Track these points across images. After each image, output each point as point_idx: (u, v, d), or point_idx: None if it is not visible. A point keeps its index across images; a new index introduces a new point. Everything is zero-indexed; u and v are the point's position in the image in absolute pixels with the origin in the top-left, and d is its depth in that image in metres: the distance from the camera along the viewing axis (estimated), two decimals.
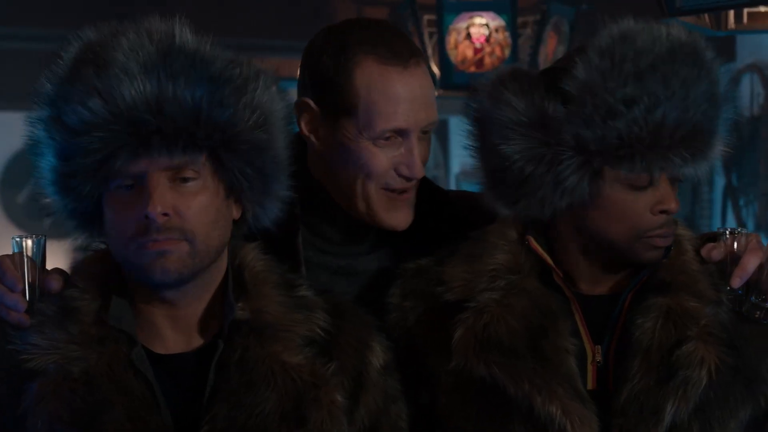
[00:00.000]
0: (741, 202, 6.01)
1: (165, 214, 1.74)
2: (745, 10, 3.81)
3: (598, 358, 2.00)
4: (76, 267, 1.87)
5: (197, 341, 1.84)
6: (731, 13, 3.79)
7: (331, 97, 2.12)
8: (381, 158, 2.12)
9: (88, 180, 1.76)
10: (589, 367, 1.99)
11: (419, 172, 2.13)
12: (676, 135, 1.91)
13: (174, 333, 1.84)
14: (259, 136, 1.80)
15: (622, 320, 2.01)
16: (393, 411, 1.93)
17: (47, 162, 1.79)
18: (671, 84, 1.91)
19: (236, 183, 1.80)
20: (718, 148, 2.00)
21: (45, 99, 1.78)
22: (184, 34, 1.77)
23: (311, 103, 2.14)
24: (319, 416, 1.79)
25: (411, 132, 2.11)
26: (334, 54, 2.12)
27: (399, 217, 2.17)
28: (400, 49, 2.11)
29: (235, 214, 1.84)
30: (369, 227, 2.19)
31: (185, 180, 1.76)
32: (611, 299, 2.03)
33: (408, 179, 2.14)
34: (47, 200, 1.83)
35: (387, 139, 2.11)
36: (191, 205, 1.76)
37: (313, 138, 2.16)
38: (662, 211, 1.96)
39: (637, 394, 1.94)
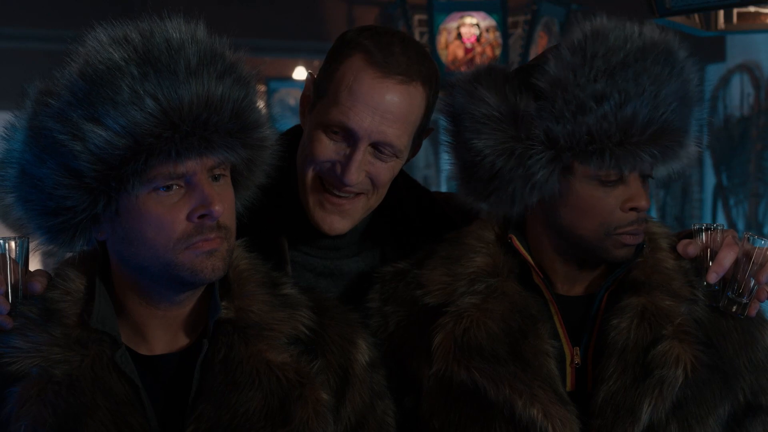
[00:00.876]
0: (731, 202, 6.02)
1: (222, 211, 1.75)
2: (735, 11, 3.82)
3: (577, 359, 2.00)
4: (59, 269, 1.86)
5: (182, 341, 1.84)
6: (721, 13, 3.79)
7: (320, 80, 2.13)
8: (326, 147, 2.09)
9: (122, 181, 1.71)
10: (568, 369, 2.00)
11: (349, 180, 2.08)
12: (645, 132, 1.91)
13: (160, 334, 1.83)
14: (268, 132, 1.83)
15: (599, 321, 2.01)
16: (380, 407, 1.93)
17: (52, 169, 1.72)
18: (642, 81, 1.91)
19: (240, 175, 1.83)
20: (692, 148, 2.00)
21: (77, 99, 1.71)
22: (215, 38, 1.78)
23: (311, 85, 2.16)
24: (304, 414, 1.79)
25: (359, 138, 2.06)
26: (341, 45, 2.12)
27: (330, 221, 2.13)
28: (397, 62, 2.08)
29: None
30: (345, 234, 2.17)
31: (216, 177, 1.77)
32: (588, 300, 2.03)
33: (339, 182, 2.09)
34: (20, 213, 1.79)
35: (335, 133, 2.08)
36: (227, 202, 1.78)
37: (302, 122, 2.17)
38: (632, 209, 1.96)
39: (613, 395, 1.94)
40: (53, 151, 1.71)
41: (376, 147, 2.09)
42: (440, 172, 9.20)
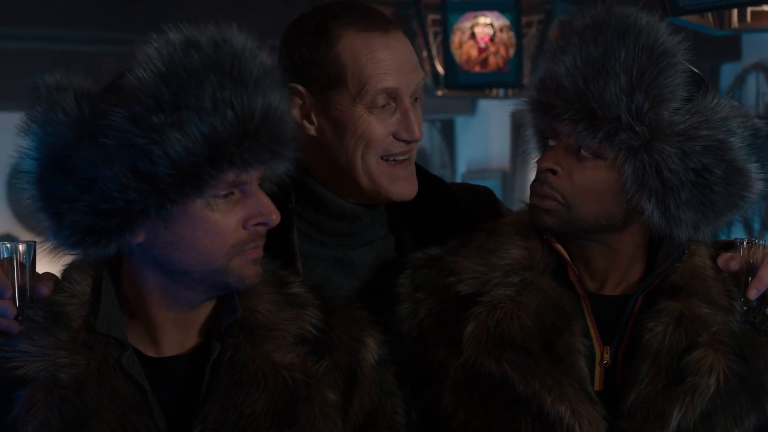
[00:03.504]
0: None
1: None
2: (749, 9, 3.80)
3: (607, 359, 1.99)
4: (65, 271, 1.86)
5: (191, 342, 1.84)
6: (735, 12, 3.78)
7: (318, 72, 2.12)
8: (378, 126, 2.11)
9: (194, 187, 1.72)
10: (597, 368, 1.99)
11: (419, 134, 2.14)
12: None
13: (173, 335, 1.83)
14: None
15: (632, 322, 1.99)
16: (389, 406, 1.93)
17: (141, 166, 1.70)
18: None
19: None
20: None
21: (156, 103, 1.70)
22: (262, 47, 1.81)
23: (299, 87, 2.14)
24: (310, 415, 1.79)
25: (403, 94, 2.11)
26: (314, 33, 2.13)
27: (404, 187, 2.16)
28: (376, 17, 2.13)
29: None
30: (363, 218, 2.19)
31: (261, 186, 1.80)
32: (622, 300, 2.02)
33: (407, 143, 2.13)
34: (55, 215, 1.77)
35: (382, 107, 2.10)
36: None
37: (306, 124, 2.15)
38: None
39: (644, 398, 1.93)
40: (123, 153, 1.69)
41: (412, 96, 2.15)
42: (455, 171, 9.21)
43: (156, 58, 1.71)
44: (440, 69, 5.52)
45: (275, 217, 1.77)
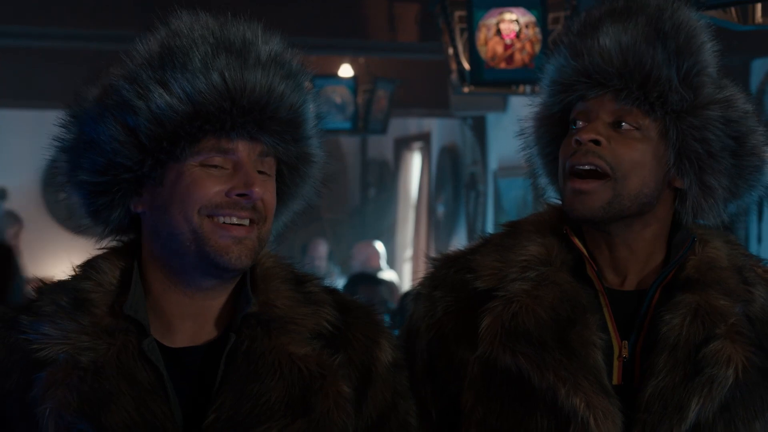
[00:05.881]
0: None
1: (260, 197, 1.81)
2: None
3: (625, 353, 2.00)
4: (93, 260, 1.90)
5: (208, 334, 1.87)
6: (758, 6, 3.74)
7: None
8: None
9: (174, 144, 1.79)
10: (616, 362, 1.99)
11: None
12: None
13: (186, 326, 1.86)
14: (316, 131, 1.91)
15: (650, 316, 2.00)
16: (401, 406, 1.94)
17: (129, 120, 1.80)
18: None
19: (287, 173, 1.90)
20: None
21: (146, 61, 1.81)
22: (288, 47, 1.89)
23: None
24: (325, 405, 1.81)
25: None
26: None
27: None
28: None
29: None
30: None
31: (262, 172, 1.84)
32: (639, 295, 2.03)
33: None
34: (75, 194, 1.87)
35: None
36: (269, 193, 1.84)
37: None
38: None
39: (662, 390, 1.94)
40: (115, 107, 1.80)
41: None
42: (487, 168, 9.18)
43: (165, 29, 1.83)
44: (466, 65, 5.51)
45: (257, 190, 1.79)
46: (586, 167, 1.97)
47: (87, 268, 1.89)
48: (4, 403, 1.82)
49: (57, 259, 10.09)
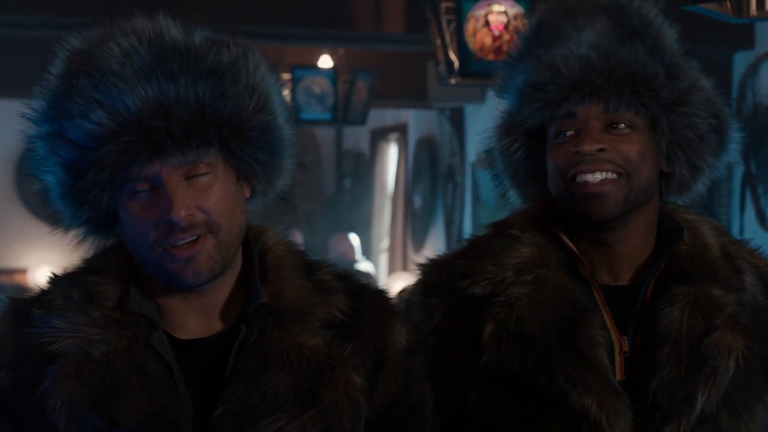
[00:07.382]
0: (760, 190, 5.99)
1: (189, 215, 1.75)
2: None
3: (625, 348, 1.99)
4: (96, 255, 1.89)
5: (218, 326, 1.85)
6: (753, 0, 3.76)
7: None
8: None
9: (104, 191, 1.76)
10: (617, 358, 1.99)
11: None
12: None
13: (194, 319, 1.85)
14: (263, 118, 1.81)
15: (646, 310, 2.00)
16: (415, 393, 1.92)
17: (54, 177, 1.78)
18: None
19: (248, 168, 1.82)
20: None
21: (42, 116, 1.77)
22: (172, 31, 1.78)
23: None
24: (334, 396, 1.80)
25: None
26: None
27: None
28: None
29: (246, 193, 1.86)
30: None
31: (199, 175, 1.77)
32: (633, 289, 2.02)
33: None
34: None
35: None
36: (210, 198, 1.77)
37: None
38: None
39: (667, 384, 1.94)
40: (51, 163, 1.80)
41: None
42: (465, 160, 9.20)
43: (50, 73, 1.78)
44: (454, 57, 5.51)
45: (175, 215, 1.74)
46: (598, 177, 1.96)
47: (96, 260, 1.87)
48: (15, 395, 1.80)
49: (29, 249, 10.03)
